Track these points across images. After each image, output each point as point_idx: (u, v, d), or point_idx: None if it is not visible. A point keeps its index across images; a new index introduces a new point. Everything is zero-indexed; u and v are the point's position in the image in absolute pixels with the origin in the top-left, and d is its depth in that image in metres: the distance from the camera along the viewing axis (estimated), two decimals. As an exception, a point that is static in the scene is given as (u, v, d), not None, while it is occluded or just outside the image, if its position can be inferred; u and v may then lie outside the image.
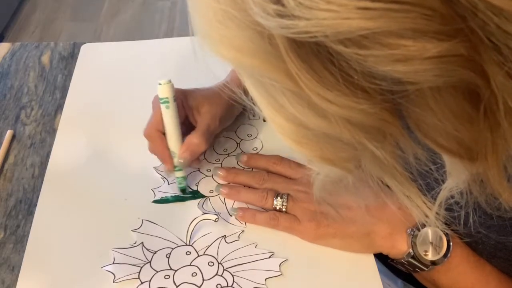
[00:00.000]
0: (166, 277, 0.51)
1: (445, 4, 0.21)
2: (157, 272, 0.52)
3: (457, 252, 0.49)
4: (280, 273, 0.51)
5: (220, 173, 0.59)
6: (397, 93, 0.24)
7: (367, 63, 0.22)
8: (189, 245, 0.54)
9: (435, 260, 0.49)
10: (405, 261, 0.50)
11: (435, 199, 0.36)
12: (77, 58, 0.77)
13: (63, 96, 0.72)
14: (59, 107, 0.71)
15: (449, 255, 0.49)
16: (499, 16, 0.20)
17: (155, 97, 0.58)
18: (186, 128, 0.58)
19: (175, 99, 0.55)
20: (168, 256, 0.53)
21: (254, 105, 0.31)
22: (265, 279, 0.51)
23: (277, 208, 0.55)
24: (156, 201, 0.58)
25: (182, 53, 0.78)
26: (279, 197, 0.55)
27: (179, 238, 0.54)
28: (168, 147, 0.56)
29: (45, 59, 0.79)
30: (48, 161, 0.63)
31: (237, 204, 0.58)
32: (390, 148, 0.29)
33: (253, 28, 0.23)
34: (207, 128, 0.57)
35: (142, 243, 0.54)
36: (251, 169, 0.61)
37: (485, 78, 0.23)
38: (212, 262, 0.52)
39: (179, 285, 0.51)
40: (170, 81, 0.55)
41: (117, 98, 0.71)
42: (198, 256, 0.53)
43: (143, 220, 0.56)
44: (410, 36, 0.21)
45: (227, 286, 0.50)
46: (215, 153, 0.63)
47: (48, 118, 0.69)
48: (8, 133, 0.67)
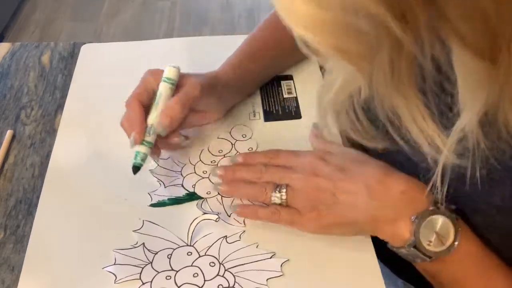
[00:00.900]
0: (168, 278, 0.51)
1: None
2: (159, 273, 0.51)
3: (463, 247, 0.47)
4: (282, 274, 0.51)
5: (219, 172, 0.58)
6: None
7: None
8: (190, 246, 0.54)
9: (438, 252, 0.47)
10: (406, 250, 0.48)
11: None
12: (77, 58, 0.77)
13: (63, 96, 0.72)
14: (59, 107, 0.70)
15: (455, 248, 0.46)
16: None
17: (147, 72, 0.59)
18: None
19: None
20: (170, 257, 0.53)
21: None
22: (267, 280, 0.51)
23: (279, 201, 0.54)
24: (153, 205, 0.57)
25: (182, 53, 0.78)
26: (278, 191, 0.54)
27: (180, 239, 0.54)
28: (145, 119, 0.56)
29: (45, 59, 0.78)
30: (48, 161, 0.62)
31: (237, 202, 0.57)
32: (409, 39, 0.28)
33: None
34: (185, 94, 0.57)
35: (143, 244, 0.54)
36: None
37: None
38: (214, 263, 0.52)
39: (181, 286, 0.50)
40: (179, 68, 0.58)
41: (117, 98, 0.70)
42: (200, 257, 0.53)
43: (144, 221, 0.56)
44: None
45: (229, 287, 0.50)
46: (211, 155, 0.63)
47: (48, 118, 0.69)
48: (8, 133, 0.66)
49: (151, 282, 0.51)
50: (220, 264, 0.52)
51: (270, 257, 0.53)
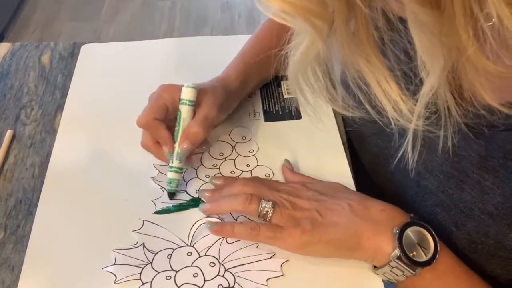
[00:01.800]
0: (168, 278, 0.51)
1: None
2: (159, 273, 0.51)
3: (444, 259, 0.48)
4: (282, 274, 0.51)
5: (206, 194, 0.57)
6: None
7: None
8: (190, 246, 0.54)
9: (424, 262, 0.47)
10: (391, 266, 0.48)
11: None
12: (77, 58, 0.77)
13: (63, 96, 0.72)
14: (59, 107, 0.70)
15: (437, 257, 0.47)
16: None
17: (161, 88, 0.58)
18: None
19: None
20: (170, 257, 0.53)
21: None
22: (267, 280, 0.51)
23: (264, 212, 0.51)
24: (158, 212, 0.57)
25: (182, 53, 0.78)
26: (265, 202, 0.52)
27: (180, 239, 0.54)
28: (168, 131, 0.57)
29: (45, 59, 0.78)
30: (48, 161, 0.62)
31: (210, 219, 0.55)
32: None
33: None
34: (205, 117, 0.57)
35: (143, 244, 0.54)
36: (242, 172, 0.61)
37: None
38: (214, 263, 0.52)
39: (181, 286, 0.50)
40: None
41: (117, 98, 0.71)
42: (200, 257, 0.53)
43: (144, 221, 0.56)
44: None
45: (229, 287, 0.50)
46: (212, 158, 0.63)
47: (48, 118, 0.69)
48: (8, 133, 0.66)
49: (151, 282, 0.51)
50: (220, 264, 0.52)
51: (270, 257, 0.53)
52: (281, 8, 0.31)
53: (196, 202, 0.58)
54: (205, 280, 0.51)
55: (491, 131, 0.43)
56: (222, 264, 0.52)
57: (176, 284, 0.50)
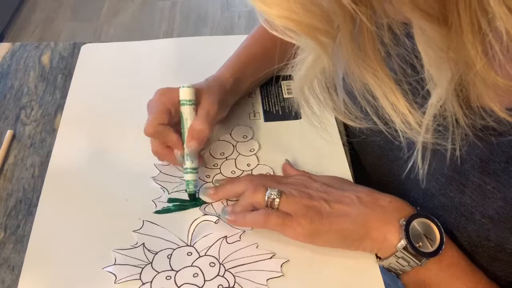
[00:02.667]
0: (168, 278, 0.51)
1: None
2: (159, 273, 0.51)
3: (449, 252, 0.48)
4: (282, 274, 0.51)
5: (210, 191, 0.57)
6: None
7: None
8: (190, 246, 0.54)
9: (430, 252, 0.47)
10: (397, 256, 0.49)
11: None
12: (77, 58, 0.77)
13: (63, 96, 0.72)
14: (59, 107, 0.70)
15: (443, 249, 0.47)
16: None
17: (158, 93, 0.59)
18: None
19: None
20: (169, 257, 0.53)
21: None
22: (267, 280, 0.51)
23: (271, 199, 0.52)
24: (158, 212, 0.57)
25: (182, 53, 0.78)
26: (271, 190, 0.52)
27: (180, 239, 0.54)
28: (175, 133, 0.57)
29: (45, 59, 0.78)
30: (48, 161, 0.62)
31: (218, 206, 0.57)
32: (362, 10, 0.29)
33: None
34: (207, 113, 0.57)
35: (143, 244, 0.54)
36: (242, 172, 0.61)
37: None
38: (214, 263, 0.52)
39: (181, 286, 0.50)
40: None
41: (117, 98, 0.71)
42: (200, 257, 0.53)
43: (144, 221, 0.56)
44: None
45: (229, 287, 0.50)
46: (213, 158, 0.63)
47: (48, 118, 0.69)
48: (8, 133, 0.66)
49: (151, 282, 0.51)
50: (220, 264, 0.52)
51: (270, 258, 0.52)
52: (286, 26, 0.31)
53: (196, 202, 0.58)
54: (205, 280, 0.51)
55: (498, 139, 0.43)
56: (222, 264, 0.52)
57: (176, 284, 0.50)
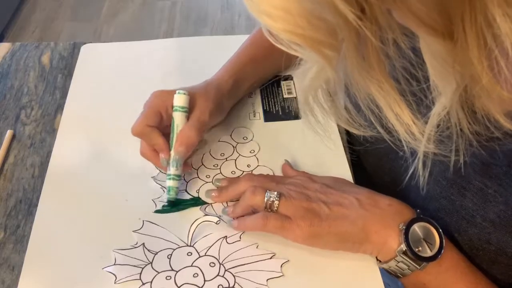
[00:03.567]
0: (168, 278, 0.51)
1: None
2: (159, 273, 0.51)
3: (449, 255, 0.48)
4: (282, 274, 0.51)
5: (213, 194, 0.58)
6: None
7: None
8: (190, 246, 0.54)
9: (429, 257, 0.47)
10: (397, 260, 0.49)
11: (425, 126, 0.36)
12: (77, 58, 0.77)
13: (63, 96, 0.72)
14: (59, 107, 0.70)
15: (442, 253, 0.47)
16: None
17: (153, 95, 0.58)
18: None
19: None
20: (169, 257, 0.53)
21: None
22: (267, 280, 0.51)
23: (270, 201, 0.52)
24: (158, 211, 0.57)
25: (182, 53, 0.78)
26: (270, 193, 0.52)
27: (180, 239, 0.54)
28: (163, 137, 0.57)
29: (45, 59, 0.78)
30: (48, 161, 0.62)
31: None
32: (367, 26, 0.29)
33: None
34: (197, 120, 0.57)
35: (143, 244, 0.54)
36: (242, 172, 0.61)
37: None
38: (214, 263, 0.52)
39: (181, 286, 0.50)
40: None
41: (117, 98, 0.71)
42: (200, 257, 0.53)
43: (144, 221, 0.56)
44: None
45: (229, 287, 0.50)
46: (213, 159, 0.63)
47: (48, 118, 0.69)
48: (8, 133, 0.66)
49: (151, 282, 0.51)
50: (220, 265, 0.52)
51: (270, 258, 0.53)
52: (291, 40, 0.31)
53: (196, 202, 0.58)
54: (205, 280, 0.51)
55: (503, 148, 0.43)
56: (222, 264, 0.52)
57: (176, 284, 0.50)
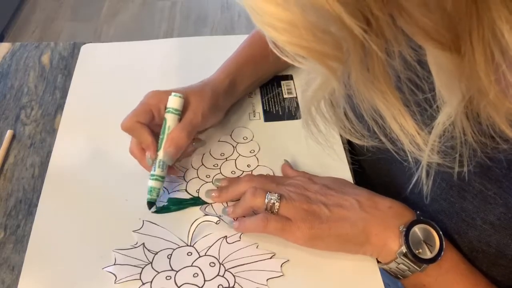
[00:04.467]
0: (168, 278, 0.51)
1: None
2: (159, 273, 0.51)
3: (449, 256, 0.48)
4: (282, 274, 0.51)
5: (213, 194, 0.58)
6: None
7: None
8: (190, 246, 0.54)
9: (429, 259, 0.48)
10: (397, 262, 0.49)
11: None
12: (77, 58, 0.77)
13: (63, 96, 0.72)
14: (59, 107, 0.70)
15: (442, 255, 0.48)
16: None
17: (149, 95, 0.58)
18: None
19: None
20: (169, 257, 0.53)
21: None
22: (267, 280, 0.51)
23: (271, 203, 0.52)
24: (157, 211, 0.57)
25: (182, 53, 0.78)
26: (270, 194, 0.52)
27: (180, 239, 0.54)
28: (152, 135, 0.56)
29: (45, 59, 0.78)
30: (48, 161, 0.62)
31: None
32: (373, 39, 0.29)
33: None
34: (189, 122, 0.57)
35: (143, 244, 0.54)
36: (242, 172, 0.61)
37: None
38: (214, 263, 0.52)
39: (181, 286, 0.50)
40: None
41: (117, 98, 0.71)
42: (200, 257, 0.53)
43: (144, 221, 0.56)
44: None
45: (229, 287, 0.50)
46: (213, 158, 0.63)
47: (48, 118, 0.69)
48: (8, 133, 0.66)
49: (151, 282, 0.51)
50: (220, 264, 0.52)
51: (270, 258, 0.53)
52: (296, 52, 0.31)
53: (196, 201, 0.58)
54: (205, 280, 0.51)
55: (508, 157, 0.42)
56: (222, 264, 0.52)
57: (176, 284, 0.50)
